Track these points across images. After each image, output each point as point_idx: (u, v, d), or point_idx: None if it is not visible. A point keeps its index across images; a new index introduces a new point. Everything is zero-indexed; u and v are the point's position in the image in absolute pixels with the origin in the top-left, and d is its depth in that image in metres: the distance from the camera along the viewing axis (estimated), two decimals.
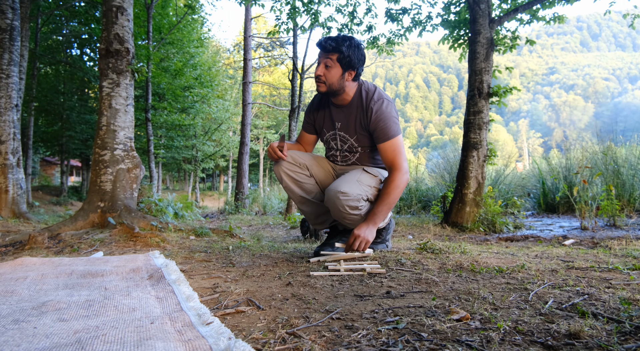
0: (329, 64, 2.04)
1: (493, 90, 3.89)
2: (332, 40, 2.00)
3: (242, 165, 11.38)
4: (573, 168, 4.92)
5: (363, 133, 2.15)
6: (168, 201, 4.80)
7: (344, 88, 2.09)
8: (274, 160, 2.15)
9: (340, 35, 2.03)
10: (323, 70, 2.06)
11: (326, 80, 2.07)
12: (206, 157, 21.07)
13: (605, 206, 3.41)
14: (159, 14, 10.99)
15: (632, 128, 6.19)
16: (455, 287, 1.41)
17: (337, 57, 2.01)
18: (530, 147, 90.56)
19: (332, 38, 2.01)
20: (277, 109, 22.35)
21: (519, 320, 1.03)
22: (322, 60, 2.06)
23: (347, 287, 1.46)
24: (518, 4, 4.56)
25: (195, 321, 1.06)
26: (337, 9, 5.77)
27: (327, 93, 2.11)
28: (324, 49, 2.03)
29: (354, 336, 0.95)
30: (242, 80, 11.87)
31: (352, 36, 2.06)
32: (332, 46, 2.00)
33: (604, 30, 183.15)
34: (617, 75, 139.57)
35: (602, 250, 2.29)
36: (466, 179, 3.82)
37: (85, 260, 2.00)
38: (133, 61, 3.45)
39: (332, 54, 2.02)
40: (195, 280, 1.60)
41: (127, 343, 0.89)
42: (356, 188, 2.02)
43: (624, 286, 1.36)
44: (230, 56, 24.34)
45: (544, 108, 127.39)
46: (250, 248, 2.50)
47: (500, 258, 2.04)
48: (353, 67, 2.04)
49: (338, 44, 2.00)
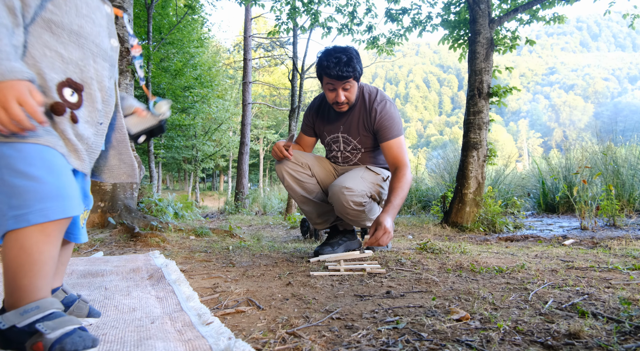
0: (347, 86, 2.01)
1: (493, 90, 3.89)
2: (345, 65, 1.93)
3: (242, 165, 11.38)
4: (573, 168, 4.93)
5: (366, 135, 2.16)
6: (168, 201, 4.80)
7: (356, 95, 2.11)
8: (278, 159, 2.16)
9: (346, 57, 1.94)
10: (345, 95, 2.02)
11: (349, 100, 2.06)
12: (206, 157, 21.07)
13: (605, 206, 3.41)
14: (159, 14, 10.99)
15: (632, 128, 6.19)
16: (455, 287, 1.41)
17: (354, 77, 1.98)
18: (530, 147, 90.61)
19: (344, 63, 1.93)
20: (277, 109, 22.36)
21: (519, 320, 1.03)
22: (338, 86, 2.00)
23: (347, 287, 1.46)
24: (518, 4, 4.56)
25: (195, 321, 1.06)
26: (337, 9, 5.77)
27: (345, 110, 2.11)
28: (341, 78, 1.96)
29: (354, 336, 0.95)
30: (242, 80, 11.87)
31: (347, 46, 2.00)
32: (350, 71, 1.94)
33: (603, 30, 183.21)
34: (617, 75, 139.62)
35: (602, 250, 2.29)
36: (466, 179, 3.82)
37: (86, 260, 2.00)
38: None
39: (350, 77, 1.97)
40: (196, 280, 1.60)
41: (127, 342, 0.90)
42: (360, 185, 2.03)
43: (623, 286, 1.36)
44: (230, 56, 24.35)
45: (543, 109, 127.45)
46: (250, 248, 2.50)
47: (500, 258, 2.04)
48: (361, 75, 2.05)
49: (352, 66, 1.94)
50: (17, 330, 0.77)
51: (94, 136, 0.93)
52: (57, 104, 0.83)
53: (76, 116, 0.87)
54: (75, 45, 0.88)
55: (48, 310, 0.78)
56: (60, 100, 0.85)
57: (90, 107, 0.91)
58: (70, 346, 0.74)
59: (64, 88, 0.86)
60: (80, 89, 0.89)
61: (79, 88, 0.88)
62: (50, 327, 0.76)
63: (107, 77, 0.97)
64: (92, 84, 0.91)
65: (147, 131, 1.12)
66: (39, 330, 0.76)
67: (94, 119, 0.93)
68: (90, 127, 0.91)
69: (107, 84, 0.96)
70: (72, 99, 0.87)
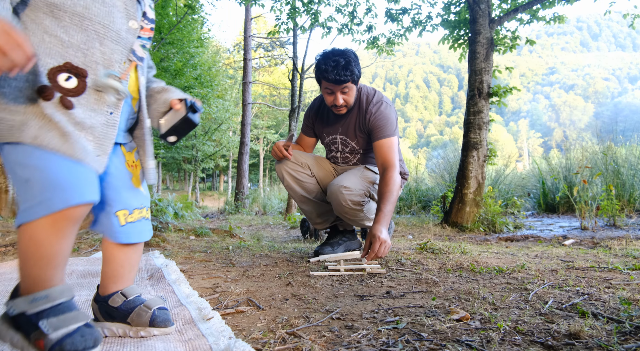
0: (346, 90, 2.00)
1: (493, 90, 3.89)
2: (343, 69, 1.92)
3: (242, 165, 11.38)
4: (573, 168, 4.92)
5: (362, 136, 2.17)
6: (168, 201, 4.81)
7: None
8: (278, 159, 2.15)
9: (344, 60, 1.93)
10: (343, 98, 2.02)
11: (347, 103, 2.06)
12: (206, 157, 21.08)
13: (605, 206, 3.41)
14: (159, 14, 10.98)
15: (632, 128, 6.19)
16: (455, 287, 1.41)
17: (352, 80, 1.98)
18: (530, 147, 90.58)
19: (342, 67, 1.92)
20: (277, 109, 22.36)
21: (519, 320, 1.03)
22: (336, 89, 2.00)
23: (347, 287, 1.46)
24: (518, 4, 4.56)
25: (195, 316, 1.06)
26: (337, 9, 5.77)
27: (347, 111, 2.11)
28: (339, 82, 1.95)
29: (354, 336, 0.95)
30: (242, 80, 11.87)
31: (345, 49, 1.99)
32: (347, 75, 1.93)
33: (604, 30, 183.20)
34: (617, 75, 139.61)
35: (602, 250, 2.29)
36: (466, 179, 3.82)
37: (86, 260, 2.00)
38: None
39: (348, 81, 1.97)
40: (195, 280, 1.60)
41: (127, 343, 0.90)
42: (359, 184, 2.03)
43: (624, 286, 1.36)
44: (230, 56, 24.34)
45: (544, 108, 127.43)
46: (250, 248, 2.50)
47: (500, 258, 2.04)
48: (360, 77, 2.04)
49: (350, 70, 1.93)
50: (25, 319, 0.78)
51: (102, 126, 0.86)
52: (44, 88, 0.78)
53: (70, 102, 0.81)
54: (77, 28, 0.82)
55: (57, 300, 0.79)
56: (50, 84, 0.79)
57: (97, 94, 0.85)
58: (70, 346, 0.75)
59: (59, 73, 0.81)
60: (83, 74, 0.83)
61: (81, 73, 0.83)
62: (53, 326, 0.76)
63: (119, 61, 0.89)
64: (98, 69, 0.85)
65: (172, 129, 1.00)
66: (40, 328, 0.76)
67: (102, 107, 0.86)
68: (97, 116, 0.85)
69: (117, 68, 0.89)
70: (68, 84, 0.81)
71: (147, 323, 0.93)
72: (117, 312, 0.95)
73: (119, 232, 0.93)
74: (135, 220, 0.96)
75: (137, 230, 0.96)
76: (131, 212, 0.95)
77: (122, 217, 0.93)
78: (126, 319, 0.94)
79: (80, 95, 0.83)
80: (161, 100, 1.02)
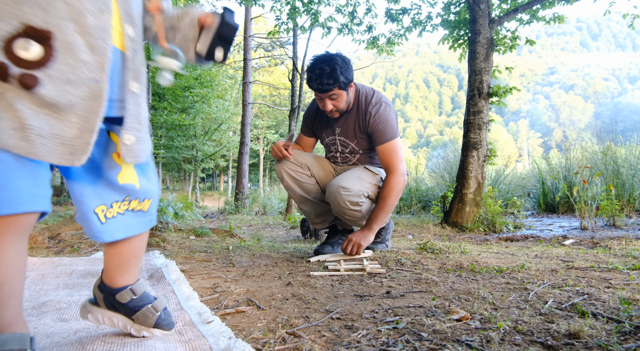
0: (334, 97, 2.02)
1: (493, 90, 3.89)
2: (327, 77, 1.94)
3: (242, 165, 11.37)
4: (573, 168, 4.92)
5: (362, 137, 2.17)
6: (168, 201, 4.81)
7: (350, 100, 2.11)
8: (278, 159, 2.16)
9: (329, 67, 1.94)
10: (332, 104, 2.04)
11: (338, 109, 2.08)
12: (206, 157, 21.07)
13: (605, 206, 3.41)
14: None
15: (632, 128, 6.18)
16: (455, 287, 1.41)
17: (338, 87, 1.99)
18: (530, 147, 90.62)
19: (326, 75, 1.94)
20: (277, 109, 22.37)
21: (519, 320, 1.03)
22: (324, 97, 2.02)
23: (347, 287, 1.46)
24: (518, 4, 4.56)
25: (195, 319, 1.06)
26: (337, 9, 5.77)
27: (341, 114, 2.13)
28: (323, 91, 1.98)
29: (354, 336, 0.95)
30: (242, 80, 11.87)
31: (333, 55, 1.99)
32: (330, 84, 1.95)
33: (603, 30, 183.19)
34: (617, 75, 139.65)
35: (601, 250, 2.29)
36: (466, 179, 3.82)
37: (86, 260, 2.00)
38: None
39: (332, 90, 1.99)
40: (195, 280, 1.60)
41: (127, 343, 0.90)
42: (357, 185, 2.03)
43: (623, 286, 1.36)
44: (230, 56, 24.36)
45: (543, 109, 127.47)
46: (250, 248, 2.50)
47: (500, 258, 2.04)
48: (350, 82, 2.05)
49: (333, 78, 1.95)
50: None
51: (85, 100, 0.67)
52: None
53: (34, 78, 0.62)
54: None
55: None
56: (5, 59, 0.60)
57: (70, 60, 0.65)
58: None
59: (15, 40, 0.60)
60: (47, 37, 0.63)
61: (45, 36, 0.62)
62: None
63: (92, 11, 0.67)
64: (66, 27, 0.64)
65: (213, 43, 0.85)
66: None
67: (80, 76, 0.66)
68: (76, 89, 0.66)
69: (92, 21, 0.67)
70: (29, 54, 0.61)
71: (152, 324, 0.91)
72: (123, 307, 0.90)
73: (101, 231, 0.81)
74: (115, 214, 0.82)
75: (122, 226, 0.83)
76: (110, 207, 0.81)
77: (101, 214, 0.80)
78: (131, 315, 0.90)
79: (47, 65, 0.63)
80: (186, 25, 0.85)
